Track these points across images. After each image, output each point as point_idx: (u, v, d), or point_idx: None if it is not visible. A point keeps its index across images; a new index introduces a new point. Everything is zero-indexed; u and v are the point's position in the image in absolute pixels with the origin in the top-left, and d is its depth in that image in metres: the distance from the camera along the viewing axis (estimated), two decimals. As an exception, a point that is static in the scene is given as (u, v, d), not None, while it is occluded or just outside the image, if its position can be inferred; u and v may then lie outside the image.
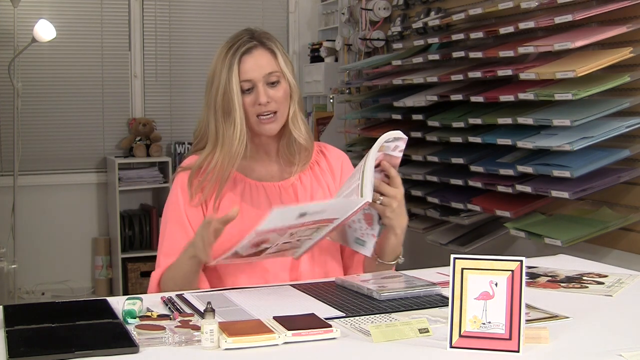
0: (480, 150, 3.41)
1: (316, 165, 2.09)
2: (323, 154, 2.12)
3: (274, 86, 1.98)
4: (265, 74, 1.96)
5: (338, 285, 1.83)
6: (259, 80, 1.96)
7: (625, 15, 2.88)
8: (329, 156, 2.12)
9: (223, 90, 1.96)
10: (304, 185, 2.04)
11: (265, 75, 1.96)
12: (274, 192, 2.02)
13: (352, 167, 2.12)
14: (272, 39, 2.03)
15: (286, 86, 2.00)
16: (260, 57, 1.97)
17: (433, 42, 3.85)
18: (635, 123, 2.82)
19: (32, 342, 1.39)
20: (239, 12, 5.57)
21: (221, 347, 1.37)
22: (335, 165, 2.11)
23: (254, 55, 1.97)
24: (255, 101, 1.96)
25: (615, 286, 1.85)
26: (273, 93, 1.97)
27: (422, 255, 4.36)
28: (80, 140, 5.27)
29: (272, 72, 1.97)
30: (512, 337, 1.35)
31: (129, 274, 5.06)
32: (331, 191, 2.07)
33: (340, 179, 2.09)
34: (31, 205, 5.08)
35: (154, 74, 5.41)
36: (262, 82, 1.96)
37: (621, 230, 2.95)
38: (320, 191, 2.05)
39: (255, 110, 1.97)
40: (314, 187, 2.05)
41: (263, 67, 1.96)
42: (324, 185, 2.06)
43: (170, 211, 2.02)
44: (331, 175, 2.09)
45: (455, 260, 1.40)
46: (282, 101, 1.98)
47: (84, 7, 5.24)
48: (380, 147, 1.86)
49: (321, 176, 2.08)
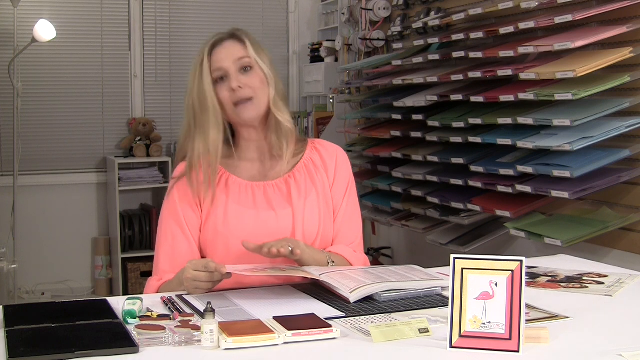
0: (480, 150, 3.41)
1: (310, 163, 2.08)
2: (317, 150, 2.11)
3: (247, 72, 1.99)
4: (235, 59, 1.98)
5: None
6: (229, 67, 1.98)
7: (625, 15, 2.88)
8: (323, 152, 2.11)
9: (197, 85, 2.00)
10: (297, 183, 2.03)
11: (235, 61, 1.99)
12: (267, 191, 2.01)
13: (348, 161, 2.13)
14: (244, 32, 2.06)
15: (261, 74, 2.00)
16: (231, 46, 2.01)
17: (433, 42, 3.85)
18: (635, 123, 2.82)
19: (32, 342, 1.39)
20: (239, 12, 5.57)
21: (221, 347, 1.37)
22: (330, 161, 2.09)
23: (224, 46, 2.01)
24: (229, 88, 1.97)
25: (615, 286, 1.85)
26: (246, 79, 1.99)
27: (422, 255, 4.37)
28: (80, 140, 5.27)
29: (242, 57, 1.99)
30: (512, 337, 1.35)
31: (129, 274, 5.06)
32: (324, 189, 2.05)
33: (334, 174, 2.08)
34: (31, 205, 5.08)
35: (154, 74, 5.41)
36: (233, 70, 1.98)
37: (621, 230, 2.95)
38: (313, 190, 2.04)
39: (231, 98, 1.98)
40: (307, 186, 2.04)
41: (233, 55, 1.99)
42: (318, 184, 2.05)
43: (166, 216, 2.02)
44: (325, 171, 2.08)
45: (455, 260, 1.40)
46: (258, 87, 1.99)
47: (84, 7, 5.24)
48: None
49: (315, 174, 2.06)
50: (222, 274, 1.76)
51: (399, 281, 1.75)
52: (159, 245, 2.02)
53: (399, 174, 3.92)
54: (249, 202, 1.99)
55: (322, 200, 2.04)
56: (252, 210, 1.97)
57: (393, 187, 4.00)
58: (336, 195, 2.07)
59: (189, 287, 1.79)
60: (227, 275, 1.76)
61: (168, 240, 2.00)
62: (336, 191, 2.08)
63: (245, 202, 1.99)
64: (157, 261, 2.02)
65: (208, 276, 1.76)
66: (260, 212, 1.98)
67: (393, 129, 4.01)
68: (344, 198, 2.08)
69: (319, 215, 2.02)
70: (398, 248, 4.76)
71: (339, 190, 2.08)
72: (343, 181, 2.09)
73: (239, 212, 1.97)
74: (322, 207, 2.03)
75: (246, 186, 2.01)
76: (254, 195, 2.00)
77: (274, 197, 2.00)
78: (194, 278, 1.77)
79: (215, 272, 1.75)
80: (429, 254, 4.06)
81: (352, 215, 2.10)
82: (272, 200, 2.00)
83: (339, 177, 2.09)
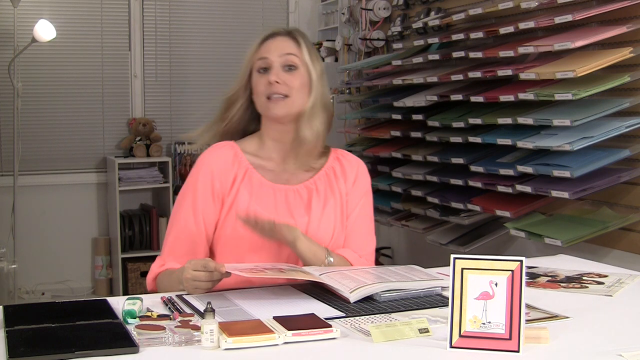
0: (480, 150, 3.41)
1: (331, 172, 2.07)
2: (339, 161, 2.10)
3: (291, 71, 1.98)
4: (282, 53, 1.97)
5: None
6: (274, 60, 1.97)
7: (625, 15, 2.88)
8: (345, 163, 2.10)
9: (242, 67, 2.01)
10: (318, 191, 2.03)
11: (282, 55, 1.97)
12: (288, 196, 2.00)
13: (368, 175, 2.12)
14: (303, 34, 2.04)
15: (305, 77, 1.98)
16: (282, 41, 2.00)
17: (433, 42, 3.85)
18: (635, 123, 2.82)
19: (32, 342, 1.39)
20: (239, 12, 5.57)
21: (221, 347, 1.37)
22: (350, 172, 2.09)
23: (276, 40, 2.01)
24: (267, 81, 1.96)
25: (615, 286, 1.85)
26: (287, 77, 1.97)
27: (422, 255, 4.37)
28: (80, 140, 5.27)
29: (290, 53, 1.98)
30: (512, 337, 1.35)
31: (129, 274, 5.06)
32: (342, 198, 2.05)
33: (353, 184, 2.07)
34: (31, 205, 5.08)
35: (154, 74, 5.40)
36: (277, 64, 1.97)
37: (621, 230, 2.95)
38: (331, 200, 2.03)
39: (266, 91, 1.96)
40: (327, 195, 2.03)
41: (281, 49, 1.98)
42: (337, 194, 2.04)
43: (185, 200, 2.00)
44: (344, 181, 2.07)
45: (455, 260, 1.40)
46: (297, 88, 1.97)
47: (84, 7, 5.24)
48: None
49: (335, 183, 2.05)
50: (222, 273, 1.76)
51: (399, 281, 1.75)
52: (170, 228, 2.02)
53: (399, 174, 3.92)
54: (269, 205, 1.98)
55: (338, 210, 2.04)
56: (272, 215, 1.96)
57: (393, 187, 4.00)
58: (350, 204, 2.06)
59: (189, 287, 1.78)
60: (227, 274, 1.76)
61: (180, 227, 1.98)
62: (351, 200, 2.07)
63: (266, 204, 1.98)
64: (165, 243, 2.01)
65: (207, 275, 1.76)
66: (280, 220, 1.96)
67: (393, 129, 4.01)
68: (357, 208, 2.07)
69: (334, 224, 2.02)
70: (398, 248, 4.76)
71: (353, 199, 2.07)
72: (359, 192, 2.08)
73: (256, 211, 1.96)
74: (337, 216, 2.03)
75: (268, 187, 2.00)
76: (275, 199, 1.99)
77: (293, 203, 2.00)
78: (194, 278, 1.77)
79: (214, 271, 1.75)
80: (429, 254, 4.06)
81: (363, 226, 2.08)
82: (291, 206, 1.99)
83: (356, 188, 2.08)
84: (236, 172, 1.99)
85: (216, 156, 2.01)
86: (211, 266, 1.75)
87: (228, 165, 1.99)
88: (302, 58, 1.98)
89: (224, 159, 2.00)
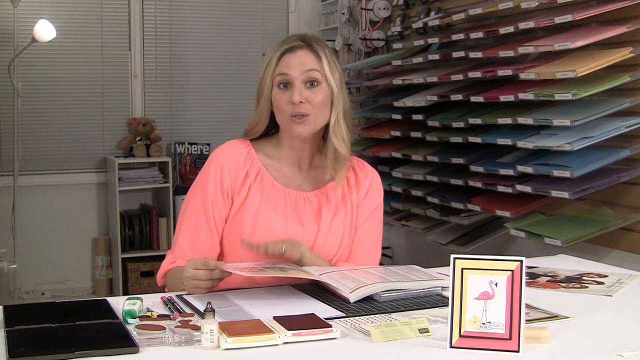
0: (480, 150, 3.41)
1: (345, 182, 2.04)
2: (354, 171, 2.07)
3: (313, 87, 1.93)
4: (304, 70, 1.92)
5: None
6: (296, 77, 1.92)
7: (625, 15, 2.88)
8: (359, 172, 2.07)
9: (260, 82, 1.97)
10: (329, 200, 2.01)
11: (304, 72, 1.92)
12: (298, 202, 1.99)
13: (381, 187, 2.10)
14: (322, 44, 1.99)
15: (327, 91, 1.94)
16: (304, 56, 1.95)
17: (433, 42, 3.85)
18: (635, 123, 2.82)
19: (32, 342, 1.39)
20: (239, 12, 5.56)
21: (221, 347, 1.37)
22: (364, 182, 2.06)
23: (297, 54, 1.95)
24: (289, 99, 1.92)
25: (615, 286, 1.85)
26: (309, 95, 1.92)
27: (422, 255, 4.37)
28: (80, 140, 5.27)
29: (312, 69, 1.93)
30: (512, 337, 1.35)
31: (129, 274, 5.06)
32: (352, 208, 2.03)
33: (365, 196, 2.05)
34: (31, 205, 5.08)
35: (154, 74, 5.40)
36: (299, 81, 1.92)
37: (621, 230, 2.95)
38: (342, 209, 2.02)
39: (289, 109, 1.93)
40: (338, 205, 2.01)
41: (303, 65, 1.93)
42: (348, 204, 2.03)
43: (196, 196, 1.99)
44: (357, 191, 2.05)
45: (455, 260, 1.40)
46: (319, 106, 1.93)
47: (84, 7, 5.23)
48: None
49: (347, 194, 2.03)
50: (222, 272, 1.76)
51: (399, 281, 1.75)
52: (180, 223, 2.00)
53: (399, 174, 3.92)
54: (279, 209, 1.97)
55: (348, 221, 2.02)
56: (282, 219, 1.95)
57: (393, 187, 4.00)
58: (360, 216, 2.04)
59: (189, 287, 1.78)
60: (227, 273, 1.76)
61: (191, 223, 1.97)
62: (361, 212, 2.05)
63: (276, 207, 1.96)
64: (176, 239, 2.00)
65: (207, 274, 1.76)
66: (289, 225, 1.95)
67: (393, 129, 4.01)
68: (367, 220, 2.05)
69: (342, 234, 2.01)
70: (398, 248, 4.76)
71: (363, 213, 2.05)
72: (371, 204, 2.06)
73: (269, 218, 1.95)
74: (347, 228, 2.02)
75: (279, 191, 1.98)
76: (285, 203, 1.97)
77: (303, 210, 1.98)
78: (193, 277, 1.76)
79: (215, 269, 1.75)
80: (429, 254, 4.06)
81: (369, 241, 2.07)
82: (301, 213, 1.98)
83: (368, 199, 2.06)
84: (248, 171, 1.98)
85: (227, 153, 2.00)
86: (211, 264, 1.75)
87: (239, 163, 1.98)
88: (324, 72, 1.94)
89: (236, 157, 1.99)
